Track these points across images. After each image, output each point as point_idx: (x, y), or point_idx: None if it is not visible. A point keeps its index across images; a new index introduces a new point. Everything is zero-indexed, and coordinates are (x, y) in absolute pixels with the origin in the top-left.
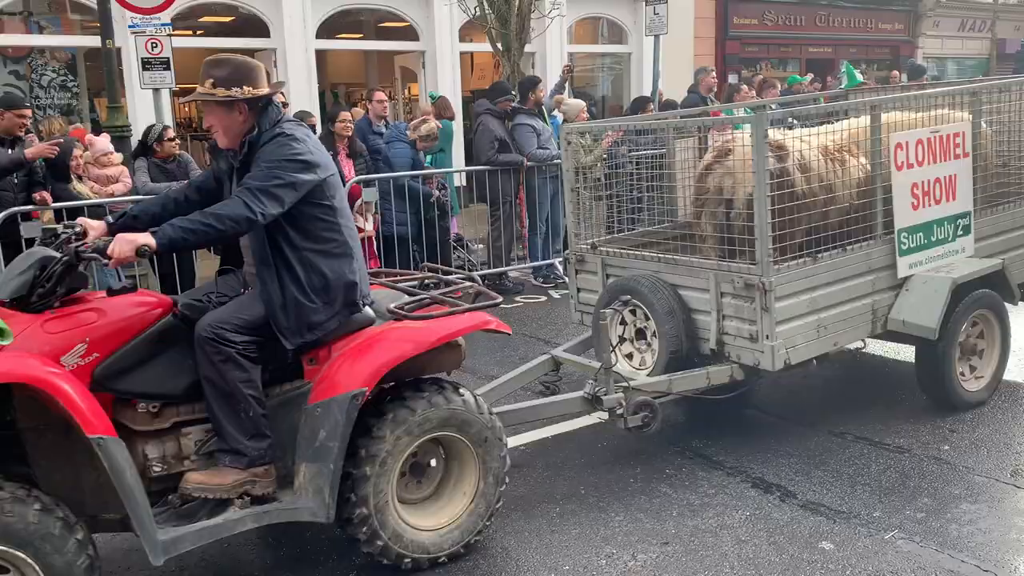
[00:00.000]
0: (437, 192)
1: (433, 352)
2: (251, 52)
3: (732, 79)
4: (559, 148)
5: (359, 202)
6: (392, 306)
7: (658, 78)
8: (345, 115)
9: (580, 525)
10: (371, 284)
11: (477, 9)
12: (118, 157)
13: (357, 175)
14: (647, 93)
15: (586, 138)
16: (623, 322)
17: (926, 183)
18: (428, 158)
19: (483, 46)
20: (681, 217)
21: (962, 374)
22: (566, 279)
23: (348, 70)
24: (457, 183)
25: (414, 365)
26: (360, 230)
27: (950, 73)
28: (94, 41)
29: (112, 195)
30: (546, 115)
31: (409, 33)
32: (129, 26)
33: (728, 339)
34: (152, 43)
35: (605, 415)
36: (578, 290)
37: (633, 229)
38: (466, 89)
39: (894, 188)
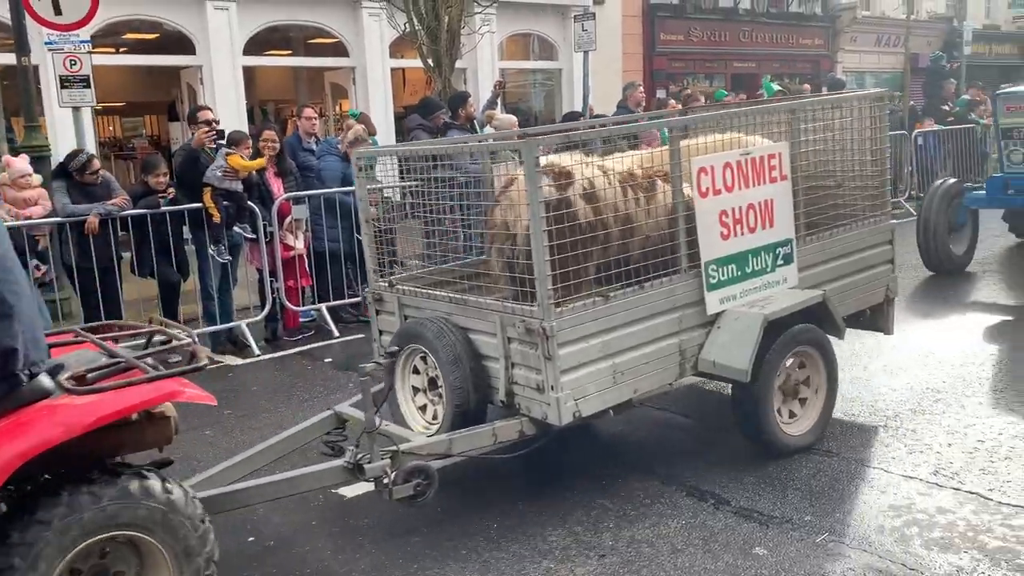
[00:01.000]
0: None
1: (129, 427)
2: (176, 69)
3: (660, 94)
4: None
5: (288, 220)
6: (69, 375)
7: (588, 93)
8: (269, 133)
9: (518, 541)
10: (81, 342)
11: (407, 26)
12: (37, 179)
13: (287, 192)
14: (578, 108)
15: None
16: (416, 371)
17: (737, 210)
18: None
19: (414, 62)
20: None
21: (784, 417)
22: None
23: (277, 86)
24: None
25: (103, 444)
26: (290, 248)
27: (868, 86)
28: (9, 59)
29: (30, 218)
30: (479, 130)
31: (339, 49)
32: (45, 43)
33: (518, 389)
34: (71, 60)
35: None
36: (380, 332)
37: (437, 264)
38: (398, 105)
39: (698, 217)
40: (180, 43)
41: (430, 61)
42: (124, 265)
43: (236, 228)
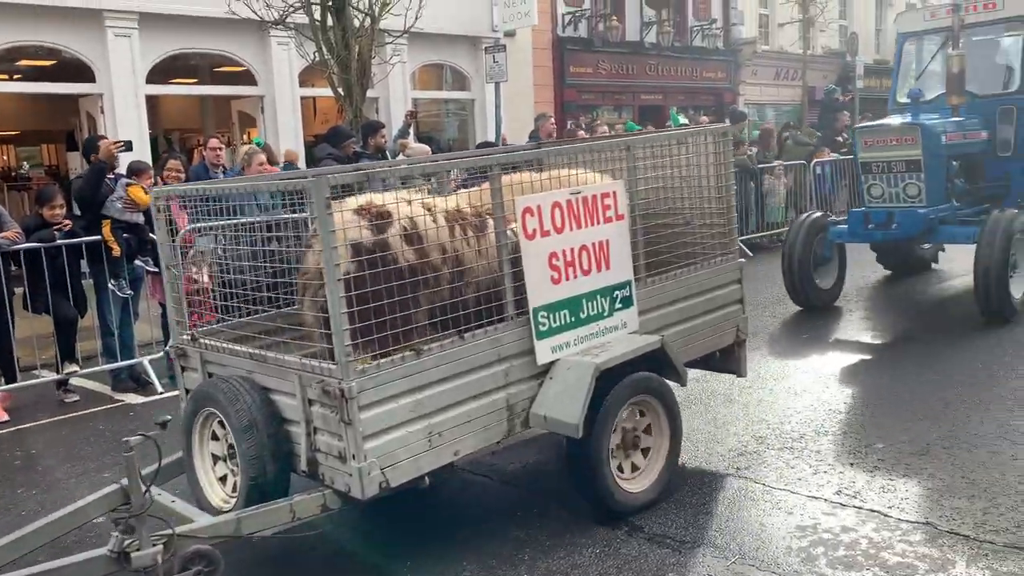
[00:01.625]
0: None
1: None
2: (75, 97)
3: (571, 125)
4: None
5: (192, 252)
6: None
7: (501, 123)
8: (173, 163)
9: None
10: None
11: (316, 55)
12: None
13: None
14: (491, 138)
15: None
16: (215, 436)
17: (569, 252)
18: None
19: (325, 91)
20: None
21: (625, 472)
22: None
23: (183, 115)
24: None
25: None
26: (194, 282)
27: (768, 117)
28: None
29: None
30: (390, 159)
31: (246, 78)
32: None
33: (321, 458)
34: None
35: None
36: (186, 391)
37: (242, 315)
38: (309, 134)
39: (525, 260)
40: (79, 70)
41: (340, 90)
42: (16, 301)
43: (138, 261)
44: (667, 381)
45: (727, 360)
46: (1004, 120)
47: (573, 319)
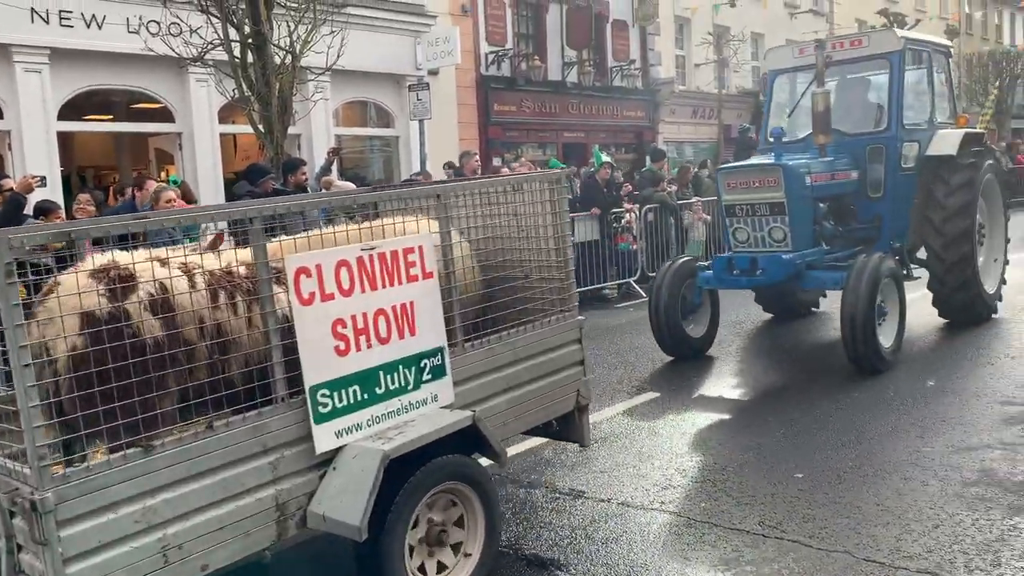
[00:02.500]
0: None
1: None
2: None
3: (496, 162)
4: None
5: None
6: None
7: (425, 160)
8: (84, 196)
9: None
10: None
11: (236, 92)
12: None
13: None
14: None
15: None
16: None
17: (360, 318)
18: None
19: (246, 128)
20: None
21: (425, 574)
22: None
23: (98, 152)
24: None
25: None
26: None
27: (687, 155)
28: None
29: None
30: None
31: (164, 115)
32: None
33: None
34: None
35: None
36: None
37: None
38: (229, 171)
39: (300, 330)
40: None
41: (261, 127)
42: None
43: None
44: (484, 464)
45: (567, 428)
46: (874, 160)
47: (366, 396)
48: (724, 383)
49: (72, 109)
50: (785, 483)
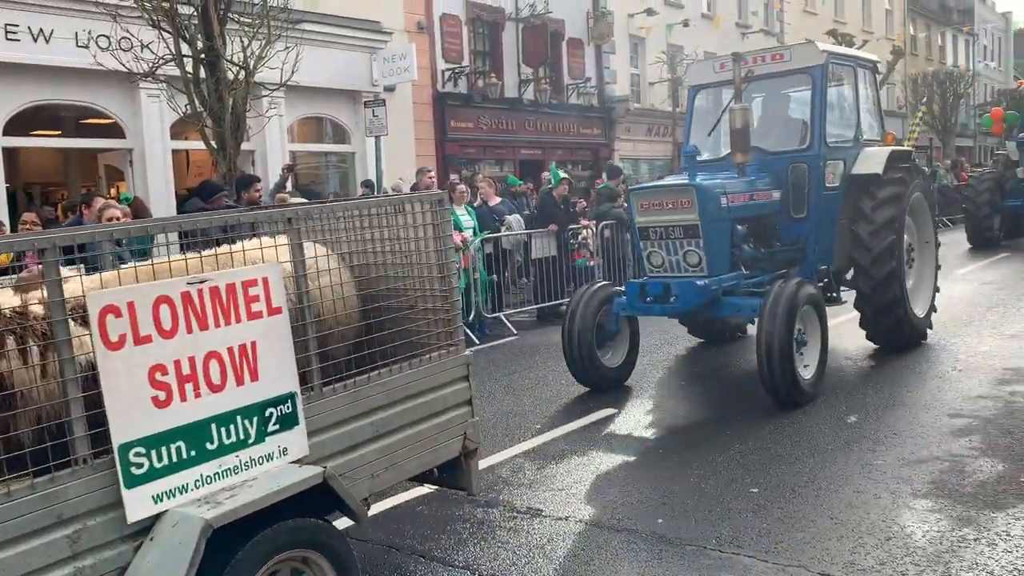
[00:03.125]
0: None
1: None
2: None
3: (453, 178)
4: None
5: None
6: None
7: (381, 176)
8: (29, 215)
9: None
10: None
11: (188, 107)
12: None
13: None
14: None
15: None
16: None
17: (186, 363)
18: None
19: (199, 144)
20: None
21: None
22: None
23: (46, 168)
24: None
25: None
26: None
27: (642, 172)
28: None
29: None
30: None
31: (114, 130)
32: None
33: None
34: None
35: None
36: None
37: None
38: (182, 187)
39: (106, 379)
40: None
41: (214, 143)
42: None
43: None
44: (337, 526)
45: (453, 475)
46: (796, 179)
47: (193, 453)
48: (677, 399)
49: (18, 124)
50: (740, 498)
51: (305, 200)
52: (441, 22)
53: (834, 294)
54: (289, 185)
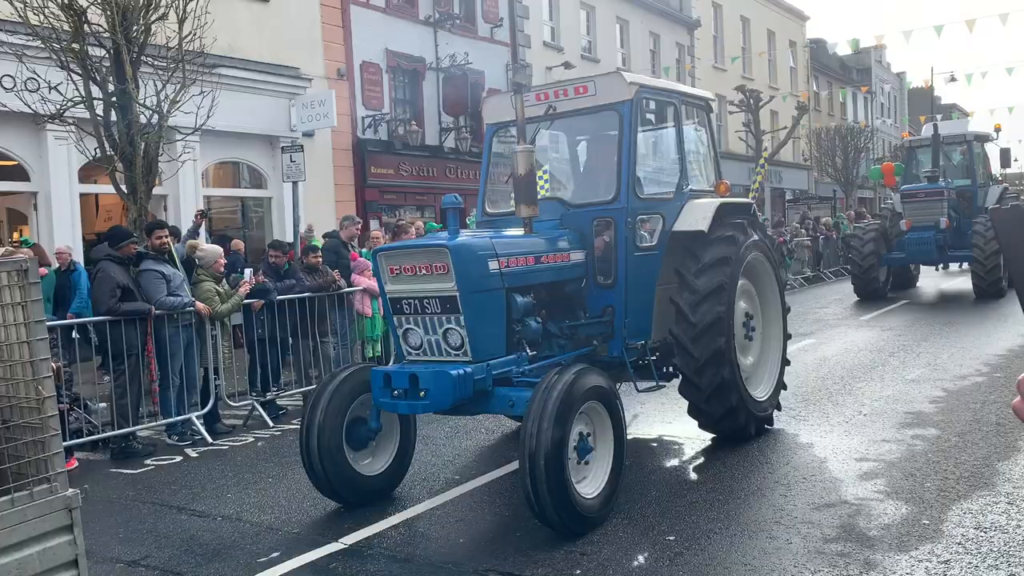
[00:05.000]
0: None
1: None
2: None
3: (374, 224)
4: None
5: None
6: None
7: (299, 222)
8: None
9: None
10: None
11: (98, 150)
12: None
13: None
14: (289, 237)
15: None
16: None
17: None
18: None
19: (108, 188)
20: None
21: None
22: (206, 435)
23: None
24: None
25: None
26: None
27: None
28: None
29: None
30: (177, 260)
31: (18, 173)
32: None
33: None
34: None
35: None
36: None
37: None
38: (90, 232)
39: None
40: None
41: (124, 188)
42: None
43: None
44: None
45: None
46: (603, 236)
47: None
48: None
49: None
50: (657, 546)
51: (219, 248)
52: (361, 69)
53: (658, 381)
54: (203, 232)
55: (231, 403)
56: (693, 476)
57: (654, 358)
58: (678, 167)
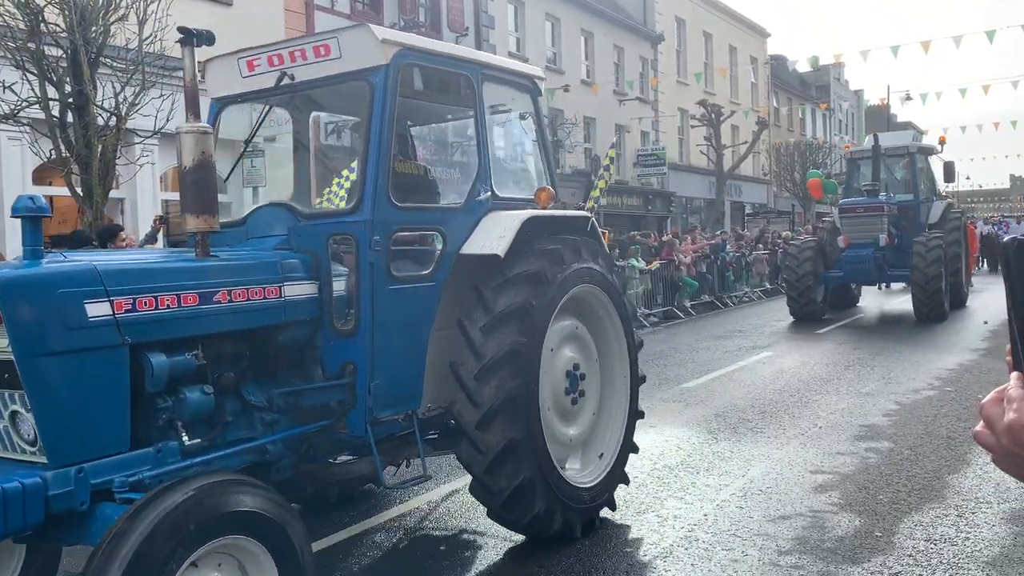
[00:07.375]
0: None
1: None
2: None
3: None
4: None
5: None
6: None
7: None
8: None
9: None
10: None
11: (53, 152)
12: None
13: None
14: None
15: None
16: None
17: None
18: None
19: (63, 190)
20: None
21: None
22: None
23: None
24: None
25: None
26: None
27: None
28: None
29: None
30: None
31: None
32: None
33: None
34: None
35: None
36: None
37: None
38: (44, 234)
39: None
40: None
41: (79, 191)
42: None
43: None
44: None
45: None
46: (338, 260)
47: None
48: None
49: None
50: (616, 560)
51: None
52: None
53: (423, 474)
54: (160, 237)
55: None
56: (651, 493)
57: (434, 436)
58: (475, 167)
